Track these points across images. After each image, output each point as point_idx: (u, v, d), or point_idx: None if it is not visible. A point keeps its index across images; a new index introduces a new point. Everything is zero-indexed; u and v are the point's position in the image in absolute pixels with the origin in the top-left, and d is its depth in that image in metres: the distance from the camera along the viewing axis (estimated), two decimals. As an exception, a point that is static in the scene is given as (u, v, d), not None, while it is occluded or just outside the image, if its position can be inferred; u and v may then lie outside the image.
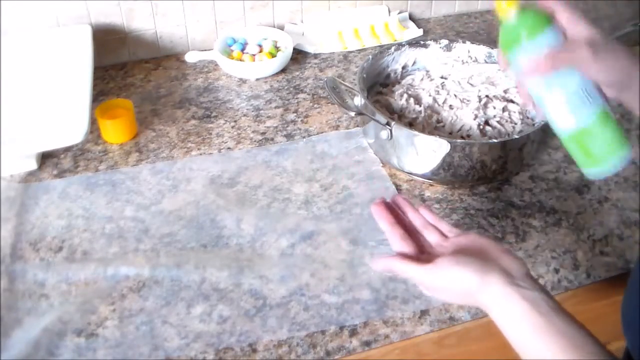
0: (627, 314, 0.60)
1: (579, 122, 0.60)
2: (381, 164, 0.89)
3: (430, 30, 1.25)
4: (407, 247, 0.60)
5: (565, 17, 0.58)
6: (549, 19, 0.59)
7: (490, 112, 0.91)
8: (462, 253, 0.58)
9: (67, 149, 0.90)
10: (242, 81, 1.07)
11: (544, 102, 0.61)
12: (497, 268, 0.55)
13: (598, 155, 0.60)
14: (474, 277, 0.54)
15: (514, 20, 0.59)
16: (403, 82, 0.99)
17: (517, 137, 0.83)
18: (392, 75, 1.00)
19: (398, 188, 0.86)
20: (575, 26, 0.58)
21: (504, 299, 0.53)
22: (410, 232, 0.62)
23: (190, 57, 1.11)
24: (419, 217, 0.64)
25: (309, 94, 1.04)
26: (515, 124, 0.90)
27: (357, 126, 0.96)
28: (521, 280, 0.54)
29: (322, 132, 0.95)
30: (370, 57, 0.94)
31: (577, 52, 0.56)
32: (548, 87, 0.60)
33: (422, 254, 0.60)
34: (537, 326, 0.51)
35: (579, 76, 0.58)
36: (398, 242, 0.61)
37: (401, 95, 0.93)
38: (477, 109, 0.91)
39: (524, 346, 0.52)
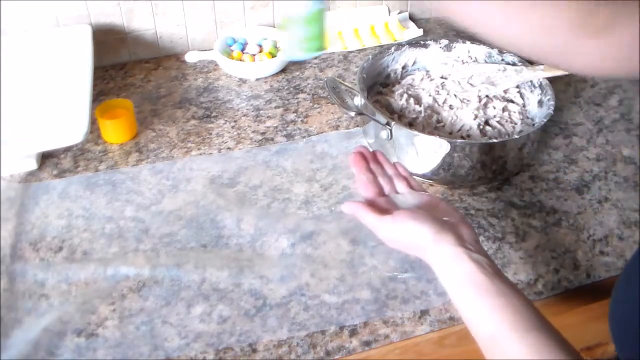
0: (615, 315, 0.58)
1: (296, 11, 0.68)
2: (381, 164, 0.89)
3: (430, 30, 1.25)
4: (371, 189, 0.67)
5: None
6: None
7: (490, 112, 0.91)
8: (422, 209, 0.61)
9: (67, 149, 0.90)
10: (242, 81, 1.07)
11: None
12: (450, 230, 0.59)
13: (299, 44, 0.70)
14: (429, 233, 0.58)
15: None
16: (403, 82, 0.99)
17: (517, 137, 0.83)
18: (392, 75, 1.00)
19: (398, 188, 0.86)
20: None
21: (452, 258, 0.57)
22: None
23: (190, 57, 1.11)
24: (392, 169, 0.71)
25: (309, 94, 1.04)
26: (515, 124, 0.90)
27: (357, 126, 0.96)
28: (470, 244, 0.58)
29: (322, 132, 0.95)
30: (370, 57, 0.94)
31: None
32: None
33: (384, 196, 0.66)
34: (480, 285, 0.55)
35: None
36: (364, 184, 0.67)
37: (401, 95, 0.93)
38: (477, 109, 0.91)
39: (465, 303, 0.56)
